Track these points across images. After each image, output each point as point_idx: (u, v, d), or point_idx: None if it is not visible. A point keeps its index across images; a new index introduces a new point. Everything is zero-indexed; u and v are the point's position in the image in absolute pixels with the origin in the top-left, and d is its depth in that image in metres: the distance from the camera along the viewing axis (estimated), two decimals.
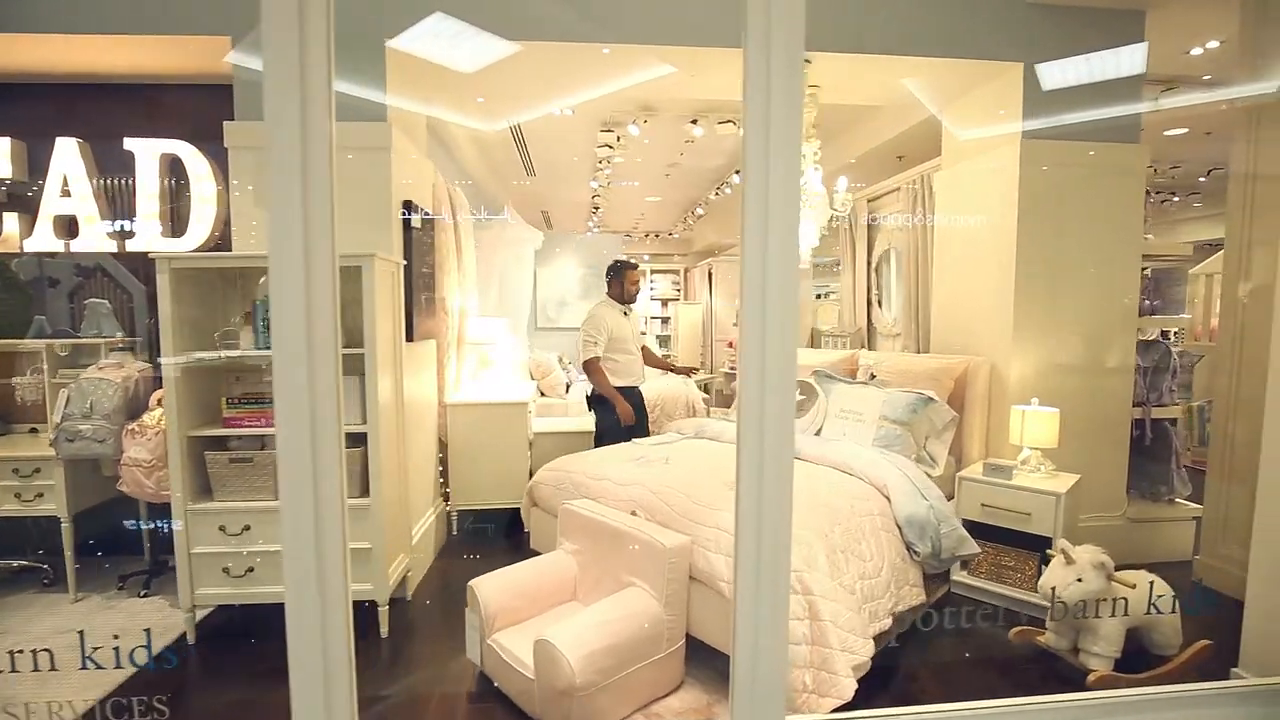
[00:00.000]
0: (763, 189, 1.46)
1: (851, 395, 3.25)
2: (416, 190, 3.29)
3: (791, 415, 1.54)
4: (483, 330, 4.02)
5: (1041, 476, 3.00)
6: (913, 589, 2.51)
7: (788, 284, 1.50)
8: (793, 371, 1.54)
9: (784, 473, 1.56)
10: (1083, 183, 3.24)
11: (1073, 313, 3.31)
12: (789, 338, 1.52)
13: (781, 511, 1.60)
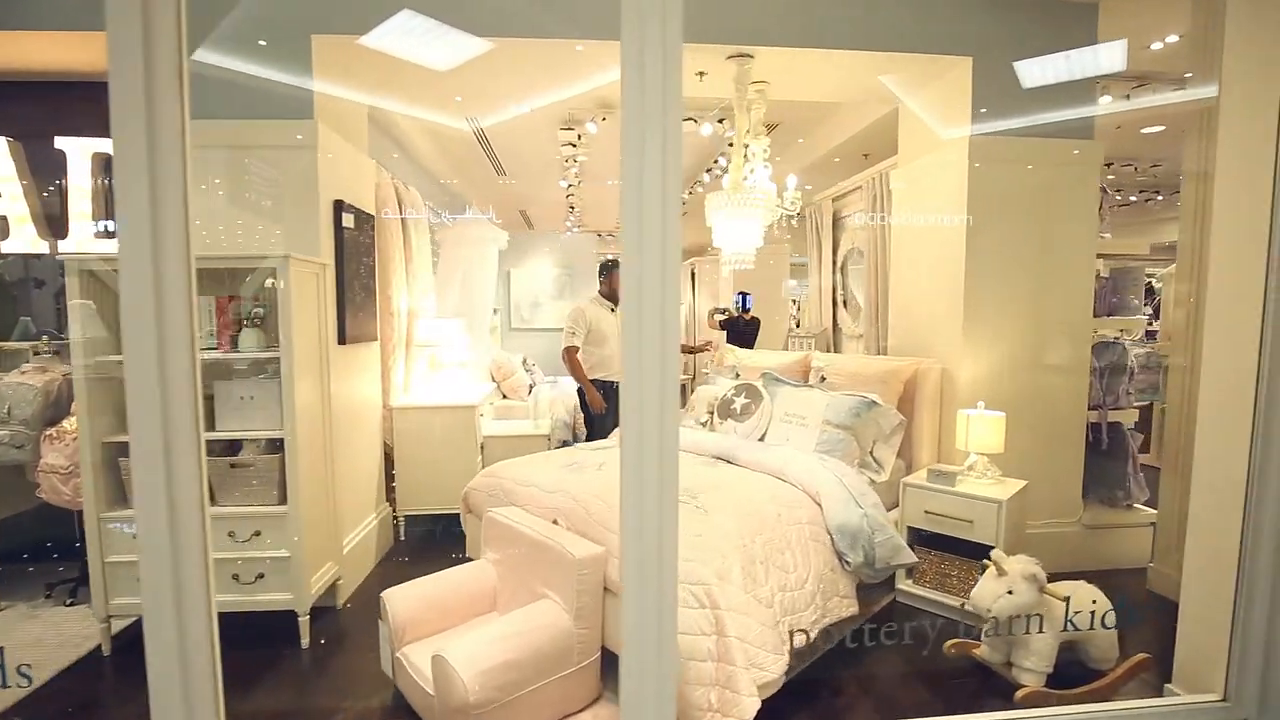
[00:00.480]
0: (637, 187, 1.40)
1: (796, 398, 3.17)
2: (354, 189, 3.22)
3: (673, 421, 1.47)
4: (432, 332, 3.95)
5: (988, 483, 2.92)
6: (843, 600, 2.43)
7: (665, 282, 1.43)
8: (673, 372, 1.48)
9: (667, 479, 1.50)
10: (1034, 180, 3.16)
11: (1025, 313, 3.23)
12: (669, 338, 1.45)
13: (665, 523, 1.53)
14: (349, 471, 3.17)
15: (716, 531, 2.18)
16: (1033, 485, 3.17)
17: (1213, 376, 2.06)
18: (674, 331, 1.44)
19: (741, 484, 2.62)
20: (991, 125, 3.13)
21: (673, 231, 1.43)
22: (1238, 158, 1.97)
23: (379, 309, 3.56)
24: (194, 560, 1.44)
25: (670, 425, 1.48)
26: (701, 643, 1.92)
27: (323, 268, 2.81)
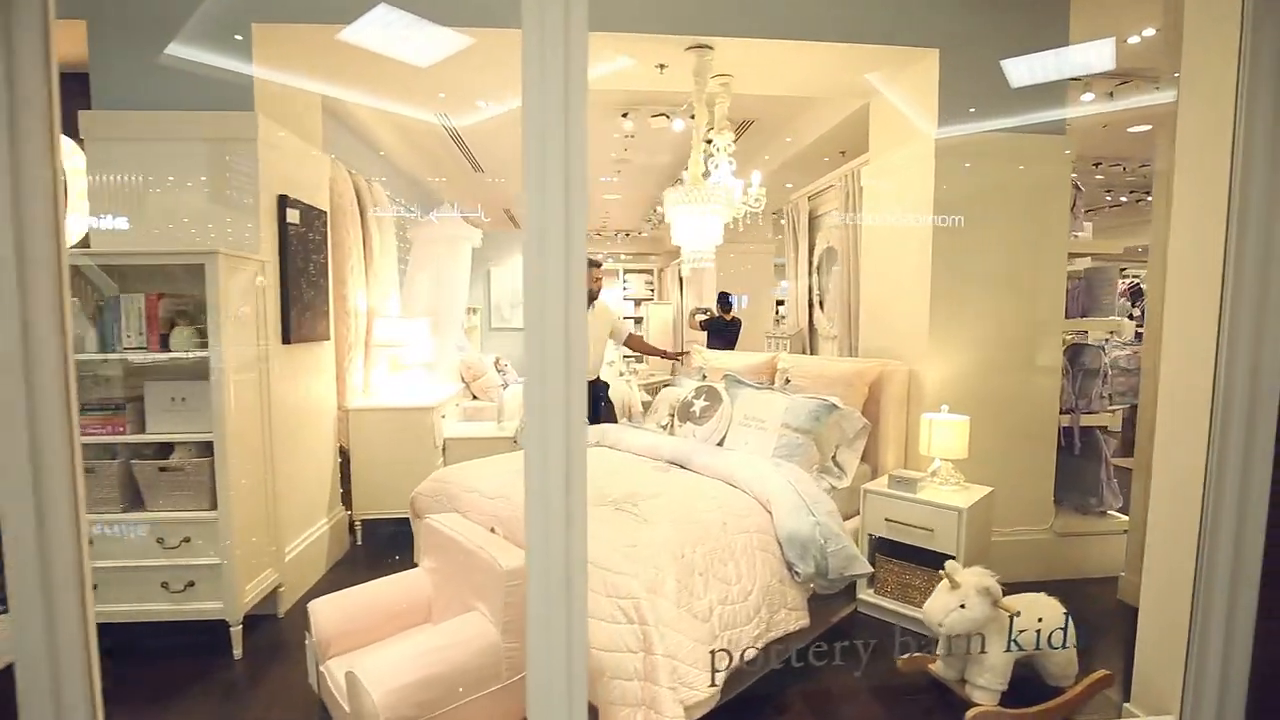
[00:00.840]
0: (540, 188, 1.31)
1: (756, 401, 3.07)
2: (303, 183, 3.12)
3: (579, 430, 1.38)
4: (393, 331, 3.86)
5: (951, 490, 2.82)
6: (792, 613, 2.33)
7: (569, 285, 1.34)
8: (578, 377, 1.39)
9: (574, 491, 1.40)
10: (1002, 176, 3.06)
11: (994, 314, 3.13)
12: (574, 342, 1.36)
13: (573, 541, 1.44)
14: (295, 475, 3.07)
15: (653, 542, 2.08)
16: (1003, 491, 3.07)
17: (1170, 378, 1.96)
18: (579, 336, 1.35)
19: (689, 491, 2.53)
20: (959, 120, 3.02)
21: (577, 235, 1.34)
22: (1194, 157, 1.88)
23: (333, 308, 3.46)
24: (66, 572, 1.34)
25: (576, 436, 1.38)
26: (627, 661, 1.82)
27: (262, 265, 2.72)
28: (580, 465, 1.41)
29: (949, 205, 3.04)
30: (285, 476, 2.94)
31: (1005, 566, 3.14)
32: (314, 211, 3.18)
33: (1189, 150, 1.91)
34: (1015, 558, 3.18)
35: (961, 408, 3.02)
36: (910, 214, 3.21)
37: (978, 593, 2.14)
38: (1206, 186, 1.81)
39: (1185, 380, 1.89)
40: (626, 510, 2.26)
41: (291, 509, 3.04)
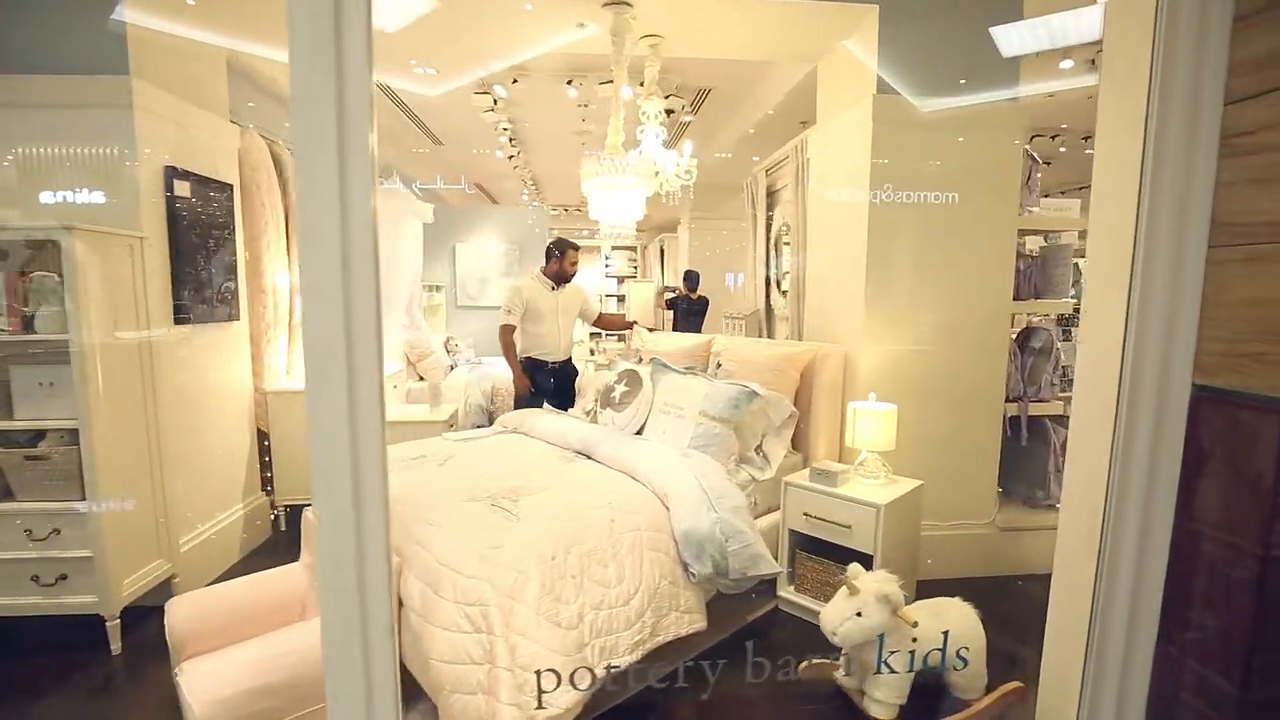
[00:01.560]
0: (310, 166, 1.13)
1: (677, 387, 2.89)
2: (198, 153, 2.94)
3: (372, 419, 1.22)
4: None
5: (877, 483, 2.65)
6: (684, 616, 2.18)
7: (350, 270, 1.18)
8: (368, 367, 1.22)
9: (367, 491, 1.26)
10: (946, 145, 2.82)
11: (935, 295, 2.92)
12: (360, 330, 1.20)
13: (369, 544, 1.29)
14: (195, 461, 2.94)
15: (520, 542, 1.93)
16: (942, 483, 2.91)
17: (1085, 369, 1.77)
18: (367, 323, 1.19)
19: (584, 484, 2.37)
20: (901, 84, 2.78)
21: (360, 219, 1.17)
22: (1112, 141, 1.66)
23: (245, 286, 3.30)
24: None
25: (368, 425, 1.23)
26: (470, 674, 1.68)
27: (140, 241, 2.55)
28: (374, 470, 1.27)
29: (888, 177, 2.82)
30: (181, 463, 2.82)
31: (942, 562, 3.00)
32: (214, 184, 3.00)
33: (1107, 134, 1.69)
34: (953, 553, 3.02)
35: (899, 395, 2.84)
36: (849, 183, 2.99)
37: (876, 600, 1.97)
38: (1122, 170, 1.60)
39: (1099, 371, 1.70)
40: (501, 507, 2.11)
41: (191, 496, 2.92)
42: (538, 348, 3.81)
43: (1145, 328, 1.48)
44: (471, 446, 2.82)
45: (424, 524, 2.04)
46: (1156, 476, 1.49)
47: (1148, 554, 1.51)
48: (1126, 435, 1.51)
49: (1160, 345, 1.47)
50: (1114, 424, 1.54)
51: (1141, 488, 1.51)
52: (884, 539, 2.43)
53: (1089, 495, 1.61)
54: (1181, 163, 1.38)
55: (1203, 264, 1.41)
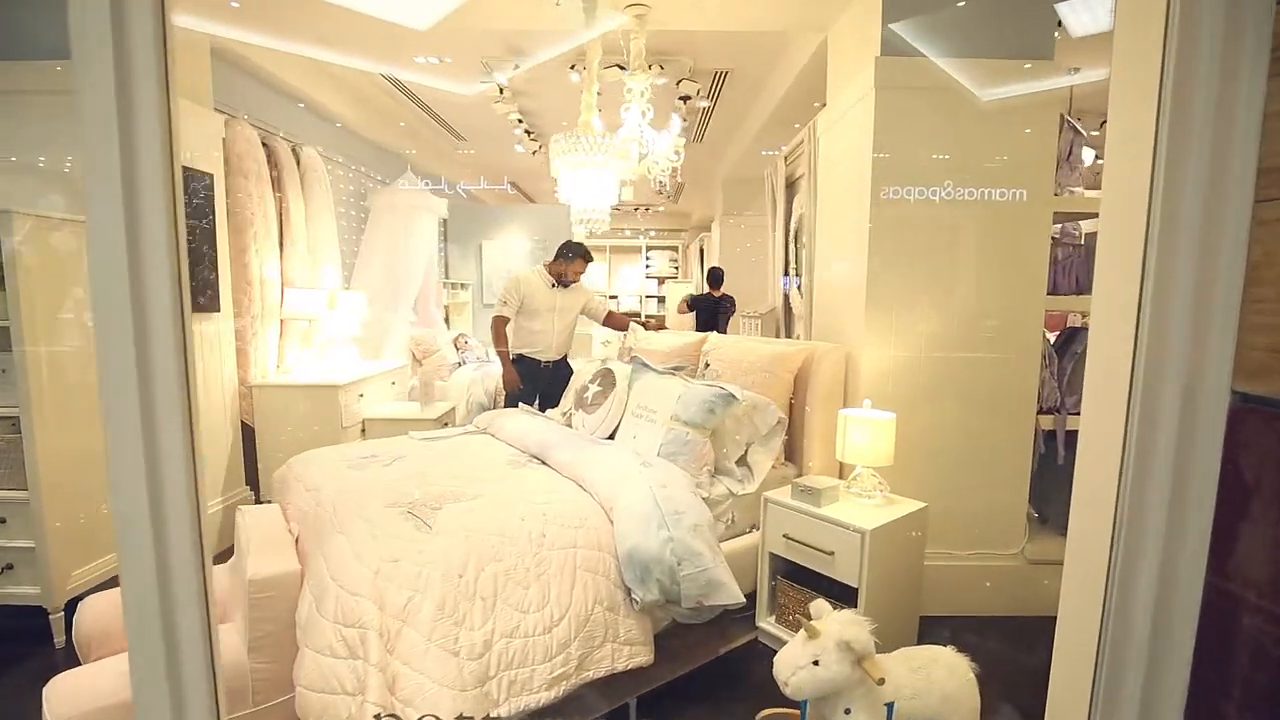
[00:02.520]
0: (92, 155, 0.97)
1: (653, 389, 2.62)
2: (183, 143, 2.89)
3: (175, 428, 1.07)
4: (303, 304, 3.63)
5: (873, 504, 2.30)
6: (623, 648, 1.91)
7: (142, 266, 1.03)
8: (167, 363, 1.07)
9: (175, 496, 1.10)
10: (965, 113, 2.43)
11: (951, 289, 2.53)
12: (158, 319, 1.05)
13: (178, 556, 1.12)
14: None
15: (423, 556, 1.72)
16: (962, 507, 2.53)
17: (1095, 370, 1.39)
18: (170, 315, 1.05)
19: (524, 492, 2.14)
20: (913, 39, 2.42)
21: (155, 201, 1.01)
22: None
23: (229, 277, 3.26)
24: None
25: (169, 427, 1.07)
26: (340, 706, 1.47)
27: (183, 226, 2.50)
28: (180, 472, 1.09)
29: (894, 153, 2.46)
30: None
31: (957, 598, 2.60)
32: (190, 173, 2.96)
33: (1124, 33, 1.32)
34: (971, 587, 2.62)
35: (910, 403, 2.49)
36: (853, 162, 2.65)
37: (836, 647, 1.64)
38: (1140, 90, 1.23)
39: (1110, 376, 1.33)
40: (417, 516, 1.90)
41: None
42: (530, 345, 3.62)
43: (1167, 315, 1.11)
44: (429, 447, 2.64)
45: (333, 532, 1.86)
46: (1183, 516, 1.13)
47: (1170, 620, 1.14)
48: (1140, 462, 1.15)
49: (1187, 339, 1.11)
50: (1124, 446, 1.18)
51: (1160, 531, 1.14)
52: (871, 570, 2.08)
53: (1096, 543, 1.25)
54: (1215, 78, 1.02)
55: (1247, 223, 1.05)
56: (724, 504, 2.42)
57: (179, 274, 1.03)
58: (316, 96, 4.26)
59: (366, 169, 5.03)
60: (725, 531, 2.43)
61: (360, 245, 4.79)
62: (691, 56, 4.05)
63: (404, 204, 4.82)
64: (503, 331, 3.59)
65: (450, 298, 6.37)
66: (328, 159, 4.36)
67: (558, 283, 3.65)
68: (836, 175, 2.92)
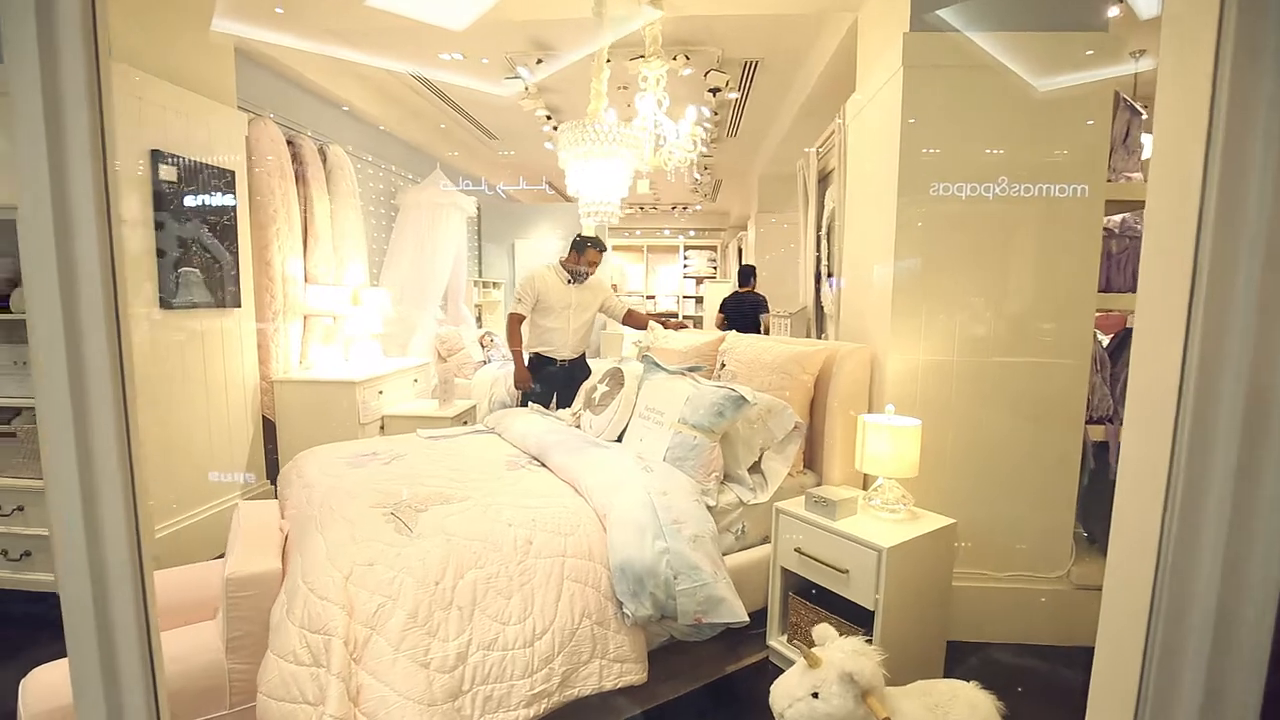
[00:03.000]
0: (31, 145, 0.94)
1: (662, 390, 2.49)
2: (196, 140, 2.94)
3: (108, 423, 1.03)
4: (323, 300, 3.64)
5: (895, 519, 2.11)
6: (613, 665, 1.79)
7: None
8: (101, 363, 1.04)
9: (111, 493, 1.06)
10: (1003, 93, 2.22)
11: (989, 286, 2.32)
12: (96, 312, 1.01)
13: (114, 559, 1.08)
14: (186, 447, 2.94)
15: (399, 561, 1.64)
16: (1001, 524, 2.33)
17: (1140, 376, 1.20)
18: (102, 312, 1.01)
19: (512, 497, 2.04)
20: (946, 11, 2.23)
21: (83, 197, 0.98)
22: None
23: (251, 273, 3.30)
24: None
25: (101, 428, 1.04)
26: (300, 716, 1.40)
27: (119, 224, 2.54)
28: (115, 474, 1.05)
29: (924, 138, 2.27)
30: (167, 447, 2.81)
31: (992, 624, 2.39)
32: (210, 169, 3.00)
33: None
34: (1009, 613, 2.39)
35: (939, 410, 2.30)
36: (878, 154, 2.46)
37: (839, 679, 1.48)
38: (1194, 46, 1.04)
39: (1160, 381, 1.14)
40: (400, 519, 1.83)
41: (181, 481, 2.91)
42: (545, 343, 3.54)
43: (1225, 313, 0.94)
44: (432, 446, 2.58)
45: (314, 532, 1.81)
46: (1245, 549, 0.95)
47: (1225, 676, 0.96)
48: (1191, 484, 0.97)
49: (1249, 342, 0.93)
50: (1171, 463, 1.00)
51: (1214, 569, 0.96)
52: (890, 591, 1.90)
53: (1137, 579, 1.07)
54: None
55: None
56: (733, 514, 2.27)
57: (111, 271, 1.00)
58: (345, 95, 4.30)
59: (397, 168, 5.07)
60: (734, 544, 2.28)
61: (389, 243, 4.82)
62: (719, 46, 3.91)
63: (431, 201, 4.83)
64: (517, 329, 3.52)
65: (482, 296, 6.38)
66: (357, 158, 4.40)
67: (574, 279, 3.56)
68: (864, 164, 2.73)
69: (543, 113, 4.70)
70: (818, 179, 4.00)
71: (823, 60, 3.71)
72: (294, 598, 1.56)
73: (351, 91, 4.32)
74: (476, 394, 4.45)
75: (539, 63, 3.92)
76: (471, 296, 5.87)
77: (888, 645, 1.89)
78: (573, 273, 3.56)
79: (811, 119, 4.62)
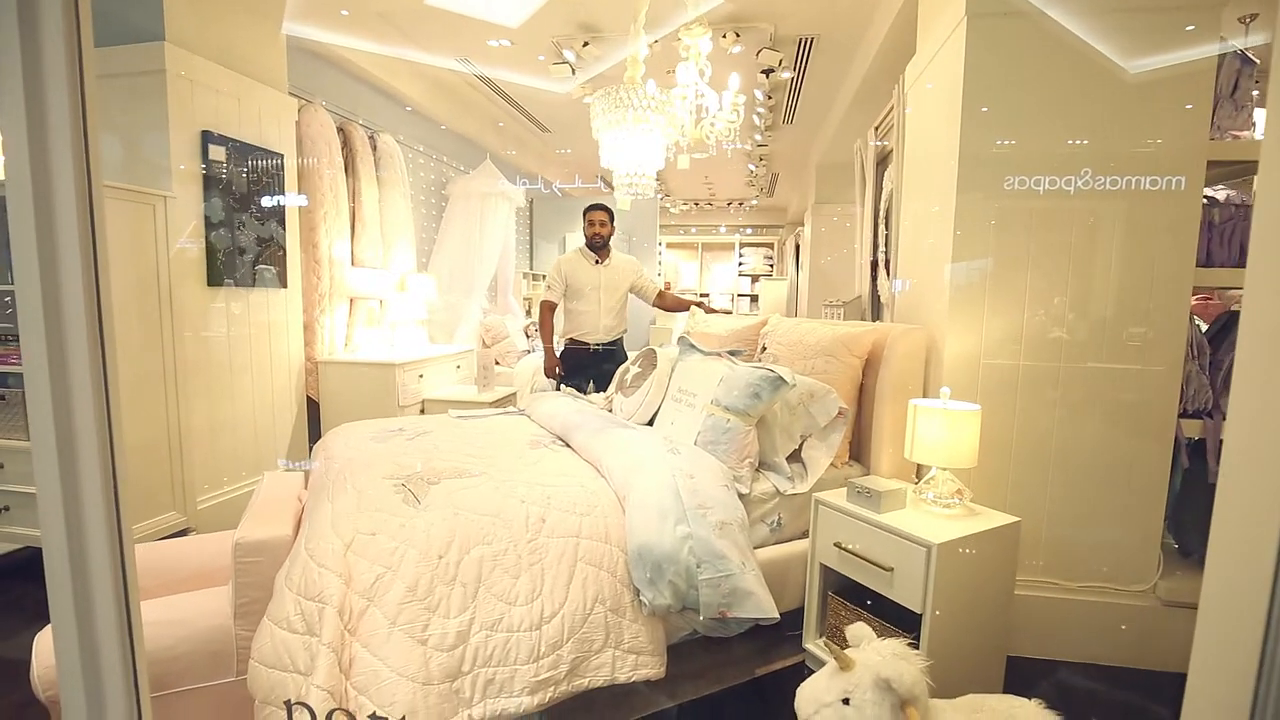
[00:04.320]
0: None
1: (696, 371, 2.35)
2: (248, 122, 3.01)
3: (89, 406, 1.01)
4: (368, 284, 3.68)
5: (950, 514, 1.89)
6: (628, 656, 1.66)
7: None
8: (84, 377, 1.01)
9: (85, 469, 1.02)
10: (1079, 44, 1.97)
11: (1066, 260, 2.07)
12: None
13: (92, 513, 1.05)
14: (228, 422, 3.00)
15: (403, 533, 1.57)
16: (1074, 528, 2.09)
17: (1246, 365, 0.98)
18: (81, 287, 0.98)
19: (531, 475, 1.94)
20: None
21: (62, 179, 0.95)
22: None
23: (298, 256, 3.36)
24: None
25: (81, 401, 1.01)
26: (288, 684, 1.34)
27: (163, 200, 2.62)
28: (94, 446, 1.02)
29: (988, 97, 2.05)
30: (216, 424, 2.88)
31: (1061, 639, 2.13)
32: (259, 152, 3.06)
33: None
34: (1081, 627, 2.13)
35: (1005, 398, 2.08)
36: (939, 119, 2.25)
37: (873, 685, 1.31)
38: None
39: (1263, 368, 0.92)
40: (410, 490, 1.76)
41: (227, 456, 2.98)
42: (578, 328, 3.47)
43: None
44: (460, 425, 2.53)
45: (324, 500, 1.76)
46: None
47: None
48: None
49: None
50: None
51: None
52: (939, 593, 1.69)
53: (1243, 600, 0.86)
54: None
55: None
56: (768, 504, 2.10)
57: (92, 244, 0.95)
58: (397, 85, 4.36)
59: (449, 159, 5.12)
60: (769, 536, 2.11)
61: (438, 231, 4.87)
62: (771, 22, 3.73)
63: (480, 192, 4.85)
64: (548, 317, 3.48)
65: (531, 289, 6.39)
66: (408, 147, 4.46)
67: (600, 257, 3.48)
68: (923, 133, 2.52)
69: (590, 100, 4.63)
70: (876, 161, 3.76)
71: (881, 32, 3.48)
72: (294, 563, 1.51)
73: (404, 82, 4.38)
74: (518, 382, 4.42)
75: (585, 45, 3.85)
76: (521, 289, 5.87)
77: (936, 654, 1.69)
78: (592, 246, 3.48)
79: (870, 101, 4.36)
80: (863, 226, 3.94)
